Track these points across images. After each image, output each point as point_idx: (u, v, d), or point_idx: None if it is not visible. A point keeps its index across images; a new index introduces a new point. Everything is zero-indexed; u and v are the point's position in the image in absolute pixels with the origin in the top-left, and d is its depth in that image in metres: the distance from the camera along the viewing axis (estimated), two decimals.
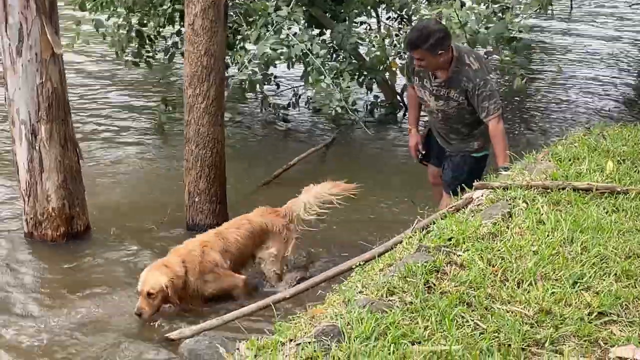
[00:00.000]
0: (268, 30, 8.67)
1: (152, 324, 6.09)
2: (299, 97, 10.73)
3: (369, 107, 10.74)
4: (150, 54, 10.66)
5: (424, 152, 7.04)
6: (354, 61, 9.74)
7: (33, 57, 6.95)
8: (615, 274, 4.20)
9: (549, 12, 10.23)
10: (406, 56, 6.88)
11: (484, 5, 8.90)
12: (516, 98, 11.08)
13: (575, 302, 3.96)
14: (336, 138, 9.98)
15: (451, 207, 5.32)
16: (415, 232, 5.04)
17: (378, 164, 9.37)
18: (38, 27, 6.90)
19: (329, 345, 3.69)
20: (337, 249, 7.24)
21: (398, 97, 10.80)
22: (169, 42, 10.68)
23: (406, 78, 6.99)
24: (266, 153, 9.63)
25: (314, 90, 9.35)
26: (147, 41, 10.47)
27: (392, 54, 9.80)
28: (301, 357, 3.68)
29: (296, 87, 10.70)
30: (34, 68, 6.98)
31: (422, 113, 7.18)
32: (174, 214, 7.82)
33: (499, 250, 4.46)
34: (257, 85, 9.59)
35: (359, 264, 5.09)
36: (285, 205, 6.88)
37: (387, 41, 9.92)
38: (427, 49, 6.20)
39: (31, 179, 7.24)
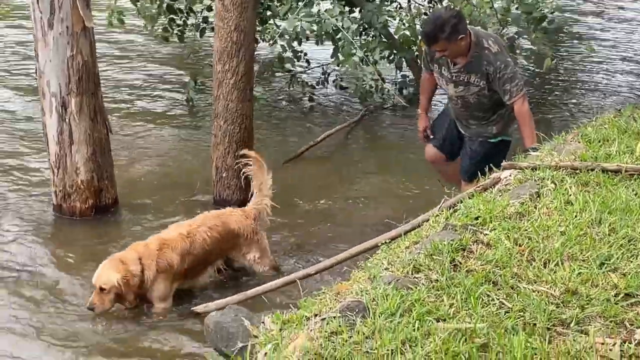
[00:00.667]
0: (298, 6, 8.66)
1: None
2: (328, 75, 10.71)
3: (398, 87, 10.68)
4: (181, 29, 10.65)
5: (431, 137, 6.99)
6: (383, 40, 9.72)
7: (64, 30, 6.95)
8: None
9: None
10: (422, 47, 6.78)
11: None
12: (547, 78, 11.00)
13: (602, 283, 3.95)
14: (365, 116, 9.94)
15: (479, 187, 5.31)
16: (442, 211, 5.03)
17: (405, 143, 9.33)
18: (70, 0, 6.90)
19: (354, 320, 3.70)
20: (361, 226, 7.19)
21: None
22: (199, 18, 10.68)
23: (422, 64, 6.89)
24: (292, 130, 9.62)
25: (344, 67, 9.34)
26: (178, 14, 10.46)
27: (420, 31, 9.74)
28: (326, 331, 3.69)
29: (325, 64, 10.66)
30: (65, 41, 6.98)
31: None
32: (202, 188, 7.84)
33: (526, 230, 4.45)
34: (285, 62, 9.60)
35: (385, 242, 5.09)
36: (250, 207, 6.60)
37: (417, 20, 9.87)
38: (446, 38, 6.07)
39: (60, 151, 7.26)
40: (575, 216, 4.57)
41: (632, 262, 4.14)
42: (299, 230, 7.29)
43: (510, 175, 5.30)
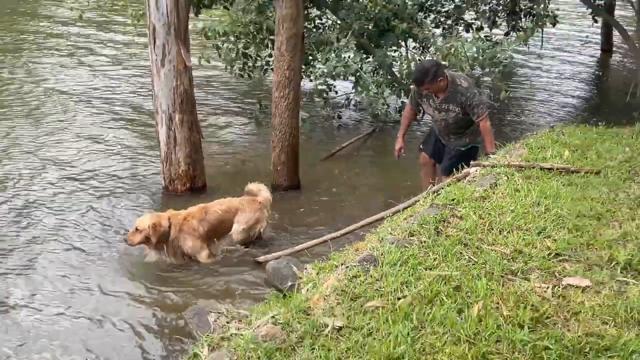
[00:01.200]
0: (332, 55, 8.65)
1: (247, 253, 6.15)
2: (350, 101, 10.68)
3: (398, 109, 10.61)
4: (251, 69, 10.64)
5: (403, 154, 6.87)
6: (389, 77, 9.67)
7: (171, 68, 7.00)
8: (568, 228, 4.18)
9: (527, 44, 10.07)
10: (412, 87, 6.75)
11: (481, 41, 8.83)
12: (501, 106, 10.93)
13: (539, 246, 3.95)
14: (375, 130, 9.91)
15: (454, 179, 5.29)
16: (429, 195, 5.02)
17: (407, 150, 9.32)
18: (176, 48, 6.94)
19: (368, 268, 3.73)
20: (370, 205, 7.14)
21: None
22: (263, 62, 10.67)
23: (408, 101, 6.86)
24: (325, 138, 9.61)
25: (362, 96, 9.34)
26: (249, 60, 10.46)
27: None
28: (348, 275, 3.72)
29: (348, 93, 10.62)
30: (172, 75, 7.03)
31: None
32: (263, 178, 7.83)
33: (487, 208, 4.45)
34: (322, 92, 9.61)
35: (389, 215, 5.10)
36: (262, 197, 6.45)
37: (412, 63, 9.81)
38: (429, 81, 6.10)
39: (168, 150, 7.29)
40: (521, 199, 4.56)
41: (560, 231, 4.14)
42: (330, 205, 7.29)
43: (476, 171, 5.27)
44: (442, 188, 5.08)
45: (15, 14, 17.52)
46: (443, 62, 9.07)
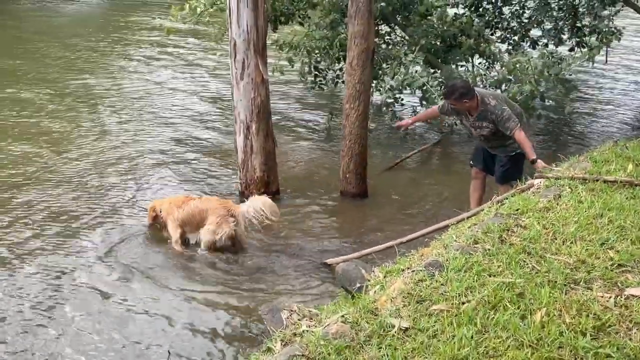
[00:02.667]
0: (400, 69, 8.65)
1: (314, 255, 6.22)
2: (416, 113, 10.60)
3: None
4: (323, 82, 10.73)
5: (401, 131, 7.29)
6: None
7: (250, 81, 7.13)
8: (631, 240, 4.06)
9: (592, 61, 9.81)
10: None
11: (547, 57, 8.68)
12: (565, 119, 10.70)
13: (602, 257, 3.85)
14: (440, 141, 9.85)
15: (518, 189, 5.21)
16: (493, 204, 4.96)
17: (464, 157, 9.16)
18: (254, 62, 7.07)
19: (433, 272, 3.71)
20: (435, 213, 7.11)
21: None
22: (335, 74, 10.74)
23: (440, 105, 6.85)
24: (391, 148, 9.59)
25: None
26: (321, 73, 10.55)
27: (481, 86, 9.58)
28: (414, 279, 3.71)
29: (415, 106, 10.58)
30: (250, 87, 7.15)
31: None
32: (332, 185, 7.90)
33: (551, 218, 4.36)
34: (390, 104, 9.62)
35: (454, 223, 5.06)
36: (234, 205, 6.45)
37: (477, 78, 9.71)
38: (455, 99, 6.20)
39: (245, 157, 7.42)
40: (585, 211, 4.44)
41: (623, 243, 4.02)
42: (396, 213, 7.28)
43: (540, 183, 5.17)
44: (507, 198, 5.01)
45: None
46: (508, 77, 8.99)
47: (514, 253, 3.85)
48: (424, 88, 8.68)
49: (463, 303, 3.39)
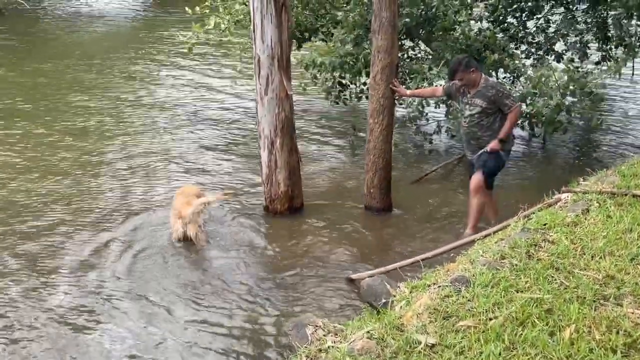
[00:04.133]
0: (424, 84, 8.62)
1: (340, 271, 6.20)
2: (441, 128, 10.58)
3: None
4: (346, 97, 10.74)
5: (396, 96, 7.31)
6: None
7: (274, 96, 7.15)
8: None
9: (619, 75, 9.69)
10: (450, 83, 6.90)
11: (572, 71, 8.62)
12: (594, 132, 10.59)
13: (632, 272, 3.80)
14: (464, 155, 9.75)
15: (545, 204, 5.14)
16: (520, 219, 4.91)
17: None
18: (278, 77, 7.10)
19: (460, 288, 3.68)
20: (462, 229, 7.05)
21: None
22: (358, 89, 10.76)
23: (445, 87, 7.10)
24: (416, 163, 9.55)
25: (454, 122, 9.26)
26: (344, 88, 10.57)
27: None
28: (440, 294, 3.68)
29: (439, 120, 10.55)
30: (274, 103, 7.18)
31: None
32: (356, 200, 7.88)
33: (579, 233, 4.31)
34: (415, 118, 9.59)
35: (480, 238, 5.02)
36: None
37: None
38: (462, 70, 6.47)
39: (269, 172, 7.43)
40: (613, 226, 4.39)
41: None
42: (421, 227, 7.23)
43: (567, 197, 5.11)
44: (534, 213, 4.95)
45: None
46: (533, 91, 8.91)
47: (541, 268, 3.81)
48: (448, 102, 8.64)
49: (490, 319, 3.35)
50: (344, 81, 10.45)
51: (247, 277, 6.08)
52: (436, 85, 8.16)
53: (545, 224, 4.47)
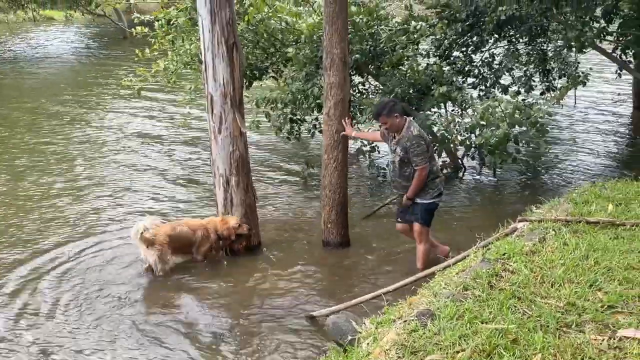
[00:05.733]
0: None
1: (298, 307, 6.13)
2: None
3: (440, 167, 10.53)
4: (299, 132, 10.76)
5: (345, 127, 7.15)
6: (430, 137, 9.66)
7: (228, 135, 7.13)
8: (619, 280, 4.06)
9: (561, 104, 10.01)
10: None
11: (517, 102, 8.87)
12: (542, 161, 10.85)
13: (592, 298, 3.84)
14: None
15: (502, 233, 5.21)
16: (478, 250, 4.96)
17: (446, 206, 9.23)
18: (232, 116, 7.08)
19: (425, 322, 3.67)
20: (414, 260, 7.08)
21: (459, 161, 10.61)
22: (311, 125, 10.80)
23: (380, 132, 7.01)
24: (371, 196, 9.60)
25: None
26: (296, 124, 10.60)
27: (455, 132, 9.70)
28: (407, 329, 3.67)
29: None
30: (228, 141, 7.15)
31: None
32: (314, 236, 7.86)
33: (538, 262, 4.35)
34: (367, 152, 9.66)
35: (440, 270, 5.04)
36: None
37: (451, 124, 9.82)
38: (386, 114, 6.41)
39: (225, 212, 7.35)
40: (570, 253, 4.45)
41: (611, 284, 4.02)
42: (379, 261, 7.23)
43: (524, 226, 5.19)
44: (491, 242, 5.01)
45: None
46: (482, 122, 9.10)
47: (504, 299, 3.83)
48: None
49: (458, 352, 3.34)
50: (296, 117, 10.49)
51: (204, 320, 5.94)
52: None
53: (504, 254, 4.51)
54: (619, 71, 11.90)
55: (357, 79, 10.62)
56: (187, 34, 10.16)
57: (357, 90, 10.52)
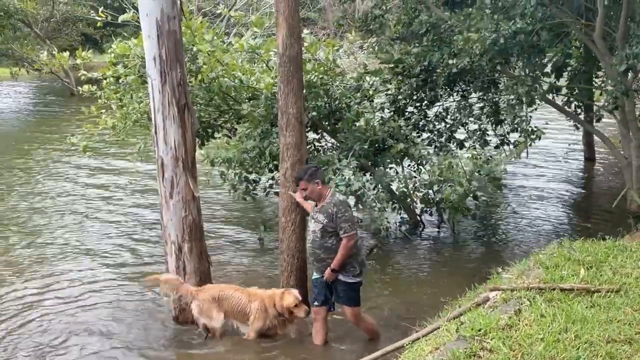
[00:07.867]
0: (335, 175, 8.46)
1: None
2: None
3: (398, 224, 10.35)
4: (255, 192, 10.39)
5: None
6: (388, 194, 9.47)
7: (180, 199, 6.77)
8: (602, 355, 3.81)
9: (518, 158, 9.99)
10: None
11: (476, 159, 8.80)
12: (498, 217, 10.73)
13: None
14: (377, 245, 9.62)
15: (473, 303, 4.93)
16: (450, 322, 4.65)
17: (404, 262, 8.97)
18: (184, 179, 6.74)
19: None
20: (385, 326, 6.75)
21: (418, 218, 10.39)
22: (267, 184, 10.47)
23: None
24: None
25: (364, 214, 9.10)
26: (251, 184, 10.25)
27: (413, 189, 9.53)
28: None
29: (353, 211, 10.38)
30: (180, 206, 6.79)
31: None
32: None
33: (516, 338, 4.08)
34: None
35: (409, 343, 4.72)
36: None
37: (408, 181, 9.67)
38: (306, 179, 6.21)
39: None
40: (548, 326, 4.21)
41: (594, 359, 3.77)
42: (342, 327, 6.86)
43: (496, 295, 4.92)
44: (461, 314, 4.72)
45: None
46: (439, 178, 8.97)
47: None
48: (361, 192, 8.51)
49: None
50: (250, 176, 10.16)
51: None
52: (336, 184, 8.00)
53: (480, 330, 4.21)
54: (576, 124, 12.07)
55: (312, 135, 10.40)
56: (136, 92, 9.80)
57: (313, 147, 10.27)
